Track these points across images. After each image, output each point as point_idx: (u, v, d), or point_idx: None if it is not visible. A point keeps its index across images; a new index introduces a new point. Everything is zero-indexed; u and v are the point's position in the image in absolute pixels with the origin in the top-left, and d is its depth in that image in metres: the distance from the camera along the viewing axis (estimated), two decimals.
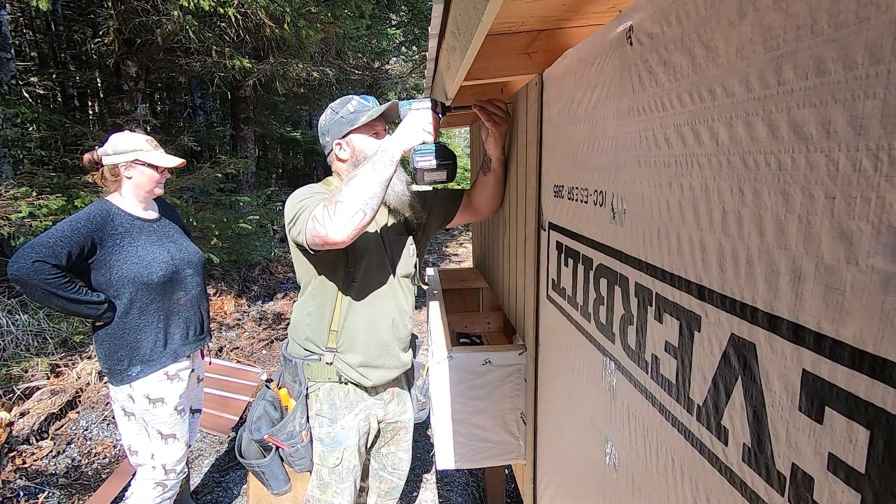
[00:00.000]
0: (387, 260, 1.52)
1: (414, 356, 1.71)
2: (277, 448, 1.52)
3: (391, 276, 1.53)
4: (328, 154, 1.55)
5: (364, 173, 1.24)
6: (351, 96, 1.52)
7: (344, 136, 1.48)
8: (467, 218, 1.78)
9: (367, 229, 1.45)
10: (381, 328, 1.50)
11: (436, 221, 1.71)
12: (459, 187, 1.85)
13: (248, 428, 1.57)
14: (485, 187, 1.68)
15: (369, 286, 1.48)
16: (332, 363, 1.48)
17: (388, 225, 1.56)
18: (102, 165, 1.79)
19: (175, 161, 1.83)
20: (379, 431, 1.68)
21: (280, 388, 1.58)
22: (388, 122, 1.56)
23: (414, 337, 1.69)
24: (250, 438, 1.55)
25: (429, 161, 1.40)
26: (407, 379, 1.72)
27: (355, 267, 1.45)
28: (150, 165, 1.79)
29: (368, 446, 1.64)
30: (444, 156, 1.43)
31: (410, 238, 1.61)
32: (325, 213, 1.21)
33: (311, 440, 1.52)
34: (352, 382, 1.50)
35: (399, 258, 1.56)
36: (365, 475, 1.75)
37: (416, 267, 1.64)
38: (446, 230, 11.31)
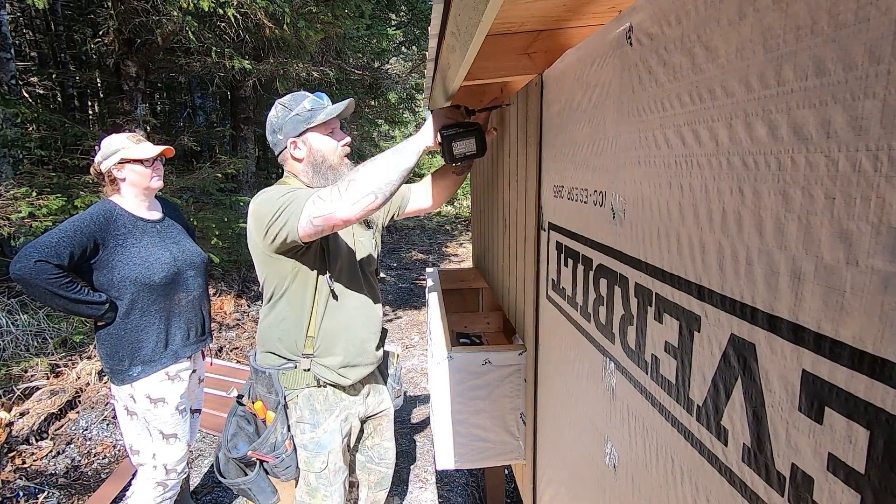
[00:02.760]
0: (356, 258, 1.53)
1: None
2: (261, 462, 1.49)
3: (360, 273, 1.54)
4: (279, 153, 1.49)
5: (384, 158, 1.23)
6: (303, 93, 1.48)
7: (300, 135, 1.44)
8: (416, 211, 1.81)
9: (340, 231, 1.45)
10: (358, 326, 1.51)
11: (383, 217, 1.75)
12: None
13: (223, 447, 1.52)
14: (449, 184, 1.75)
15: (344, 286, 1.48)
16: (309, 369, 1.46)
17: (355, 224, 1.56)
18: (102, 173, 1.80)
19: (157, 149, 1.82)
20: (362, 429, 1.68)
21: (254, 402, 1.53)
22: (342, 119, 1.53)
23: (384, 331, 1.70)
24: (227, 457, 1.50)
25: (454, 130, 1.40)
26: (380, 371, 1.73)
27: (331, 269, 1.44)
28: (135, 161, 1.78)
29: (353, 444, 1.65)
30: (468, 125, 1.44)
31: (371, 232, 1.64)
32: (334, 191, 1.19)
33: (295, 448, 1.49)
34: (330, 384, 1.49)
35: (366, 255, 1.58)
36: (353, 469, 1.76)
37: (377, 261, 1.67)
38: (445, 231, 11.34)
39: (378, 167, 1.22)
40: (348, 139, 1.52)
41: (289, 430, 1.48)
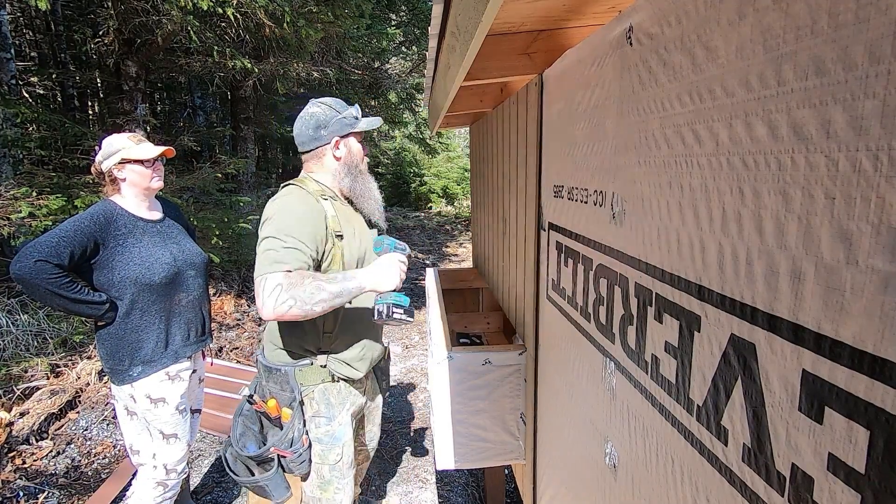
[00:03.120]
0: (365, 256, 1.58)
1: None
2: (279, 458, 1.52)
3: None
4: (316, 147, 1.53)
5: (331, 290, 1.29)
6: (342, 101, 1.57)
7: (345, 136, 1.53)
8: None
9: (352, 243, 1.49)
10: (368, 321, 1.54)
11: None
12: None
13: (232, 447, 1.54)
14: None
15: None
16: (325, 365, 1.50)
17: (365, 229, 1.61)
18: (103, 172, 1.80)
19: (157, 150, 1.82)
20: (362, 417, 1.75)
21: (265, 400, 1.54)
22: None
23: None
24: (237, 456, 1.53)
25: (402, 314, 1.42)
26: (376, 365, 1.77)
27: (346, 269, 1.48)
28: (136, 161, 1.78)
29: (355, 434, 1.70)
30: (412, 312, 1.47)
31: (374, 231, 1.69)
32: (275, 294, 1.23)
33: (310, 443, 1.53)
34: (343, 379, 1.53)
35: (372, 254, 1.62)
36: None
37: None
38: (445, 231, 11.33)
39: (322, 296, 1.27)
40: (367, 151, 1.62)
41: (304, 425, 1.51)
